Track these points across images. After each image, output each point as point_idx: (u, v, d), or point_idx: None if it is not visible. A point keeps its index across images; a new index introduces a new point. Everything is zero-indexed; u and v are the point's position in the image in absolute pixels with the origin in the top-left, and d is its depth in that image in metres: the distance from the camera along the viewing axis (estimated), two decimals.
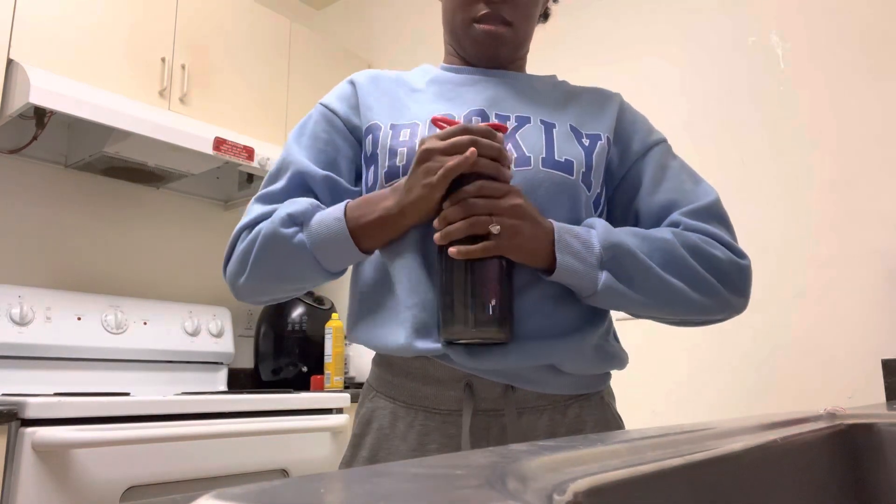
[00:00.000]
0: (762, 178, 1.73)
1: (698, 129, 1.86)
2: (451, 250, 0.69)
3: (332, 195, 0.82)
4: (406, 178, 0.73)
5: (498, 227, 0.68)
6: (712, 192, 0.82)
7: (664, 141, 0.88)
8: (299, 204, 0.77)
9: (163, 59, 2.03)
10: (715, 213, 0.80)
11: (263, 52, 2.36)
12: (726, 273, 0.76)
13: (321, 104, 0.88)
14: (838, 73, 1.66)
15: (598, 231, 0.74)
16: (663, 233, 0.77)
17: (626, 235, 0.75)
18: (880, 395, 1.48)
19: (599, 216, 0.84)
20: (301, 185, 0.82)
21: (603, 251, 0.72)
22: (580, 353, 0.77)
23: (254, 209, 0.82)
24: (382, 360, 0.83)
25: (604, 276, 0.71)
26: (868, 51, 1.62)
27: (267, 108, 2.34)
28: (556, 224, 0.73)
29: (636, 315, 0.79)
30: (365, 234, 0.74)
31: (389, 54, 2.77)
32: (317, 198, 0.81)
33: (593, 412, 0.79)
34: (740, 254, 0.79)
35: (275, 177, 0.84)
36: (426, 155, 0.71)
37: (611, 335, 0.84)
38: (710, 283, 0.75)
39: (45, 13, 1.79)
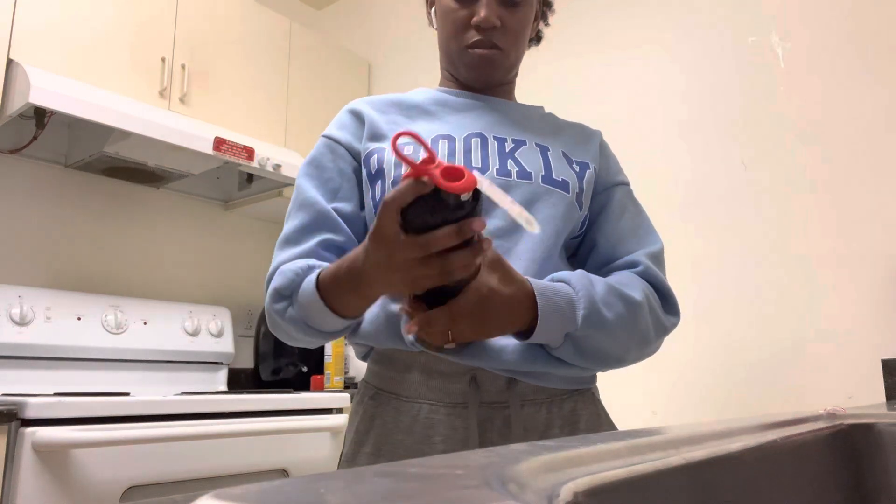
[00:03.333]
0: (762, 178, 1.73)
1: (698, 128, 1.86)
2: (409, 338, 0.70)
3: (340, 224, 0.86)
4: (364, 260, 0.67)
5: (453, 344, 0.70)
6: (660, 240, 0.91)
7: (628, 184, 0.96)
8: (284, 276, 0.79)
9: (163, 59, 2.03)
10: (663, 260, 0.89)
11: (263, 52, 2.35)
12: (664, 332, 0.84)
13: (323, 136, 0.93)
14: (838, 72, 1.65)
15: (581, 309, 0.73)
16: (636, 292, 0.79)
17: (604, 306, 0.75)
18: (880, 395, 1.48)
19: (582, 235, 0.91)
20: (313, 220, 0.85)
21: (580, 326, 0.73)
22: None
23: (276, 256, 0.86)
24: (383, 357, 0.84)
25: (565, 345, 0.75)
26: (868, 51, 1.62)
27: (267, 108, 2.34)
28: (539, 304, 0.72)
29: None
30: (340, 307, 0.75)
31: (389, 54, 2.77)
32: (329, 228, 0.84)
33: (586, 406, 0.84)
34: (676, 312, 0.86)
35: (291, 215, 0.88)
36: (401, 256, 0.61)
37: None
38: (651, 348, 0.82)
39: (45, 13, 1.79)
